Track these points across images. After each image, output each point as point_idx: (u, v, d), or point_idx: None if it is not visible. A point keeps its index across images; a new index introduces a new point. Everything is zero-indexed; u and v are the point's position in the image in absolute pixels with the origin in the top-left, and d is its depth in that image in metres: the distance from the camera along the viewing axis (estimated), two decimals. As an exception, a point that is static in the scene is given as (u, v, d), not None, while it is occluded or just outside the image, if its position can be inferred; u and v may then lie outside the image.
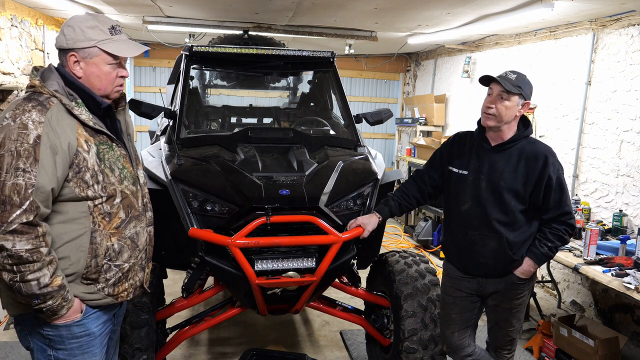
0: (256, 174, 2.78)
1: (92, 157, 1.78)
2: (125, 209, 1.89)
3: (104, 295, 1.88)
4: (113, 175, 1.84)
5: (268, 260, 2.61)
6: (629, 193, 4.29)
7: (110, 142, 1.86)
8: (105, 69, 1.84)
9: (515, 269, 2.51)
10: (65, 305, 1.75)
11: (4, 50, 4.77)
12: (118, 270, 1.88)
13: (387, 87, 9.21)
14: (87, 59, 1.81)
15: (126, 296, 1.96)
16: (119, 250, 1.87)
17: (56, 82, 1.79)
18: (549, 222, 2.48)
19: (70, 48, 1.80)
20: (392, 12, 5.07)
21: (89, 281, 1.84)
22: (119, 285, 1.91)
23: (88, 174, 1.77)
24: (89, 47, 1.80)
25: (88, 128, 1.79)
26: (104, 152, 1.82)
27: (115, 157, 1.86)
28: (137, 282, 2.00)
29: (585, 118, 4.80)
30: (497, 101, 2.43)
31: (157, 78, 8.48)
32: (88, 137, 1.78)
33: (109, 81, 1.86)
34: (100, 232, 1.82)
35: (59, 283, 1.72)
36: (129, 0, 4.99)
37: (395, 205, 2.80)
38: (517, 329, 2.67)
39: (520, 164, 2.46)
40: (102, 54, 1.82)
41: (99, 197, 1.81)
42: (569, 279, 4.95)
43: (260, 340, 3.99)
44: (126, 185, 1.90)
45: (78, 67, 1.82)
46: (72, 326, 1.82)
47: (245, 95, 7.86)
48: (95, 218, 1.81)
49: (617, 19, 4.39)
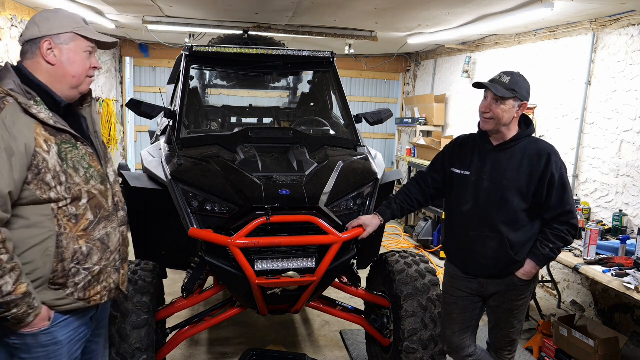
0: (256, 174, 2.78)
1: (53, 157, 1.70)
2: (93, 210, 1.82)
3: (74, 300, 1.80)
4: (77, 175, 1.76)
5: (268, 260, 2.61)
6: (629, 193, 4.29)
7: (74, 141, 1.78)
8: (81, 55, 1.81)
9: (516, 271, 2.50)
10: (32, 313, 1.68)
11: (4, 50, 4.77)
12: (88, 273, 1.81)
13: (387, 87, 9.21)
14: (62, 45, 1.77)
15: (100, 299, 1.88)
16: (87, 253, 1.80)
17: (12, 81, 1.72)
18: (551, 223, 2.46)
19: (45, 35, 1.75)
20: (392, 12, 5.07)
21: (57, 286, 1.76)
22: (90, 289, 1.83)
23: (49, 175, 1.69)
24: (65, 32, 1.77)
25: (48, 127, 1.71)
26: (66, 151, 1.74)
27: (79, 156, 1.78)
28: (111, 284, 1.91)
29: (585, 118, 4.80)
30: (493, 105, 2.42)
31: (157, 78, 8.47)
32: (48, 137, 1.70)
33: (84, 69, 1.82)
34: (67, 235, 1.74)
35: (24, 290, 1.64)
36: (129, 0, 4.99)
37: (397, 208, 2.80)
38: (518, 330, 2.67)
39: (523, 163, 2.45)
40: (78, 40, 1.80)
41: (63, 199, 1.73)
42: (569, 279, 4.95)
43: (260, 340, 3.99)
44: (93, 185, 1.82)
45: (52, 54, 1.76)
46: (39, 335, 1.75)
47: (245, 95, 7.86)
48: (60, 221, 1.73)
49: (617, 19, 4.39)
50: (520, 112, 2.46)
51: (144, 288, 2.76)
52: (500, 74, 2.46)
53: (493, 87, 2.41)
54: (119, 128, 8.07)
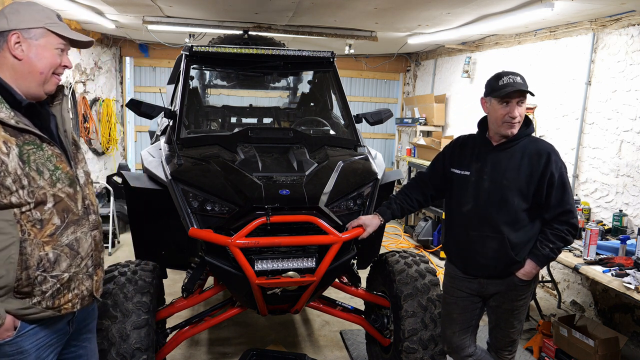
0: (256, 174, 2.78)
1: (13, 159, 1.59)
2: (60, 214, 1.71)
3: (42, 309, 1.70)
4: (42, 178, 1.65)
5: (268, 260, 2.61)
6: (629, 193, 4.29)
7: (38, 142, 1.67)
8: (52, 52, 1.72)
9: (516, 271, 2.50)
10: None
11: (4, 50, 4.76)
12: (56, 281, 1.71)
13: (387, 87, 9.21)
14: (31, 39, 1.68)
15: (71, 307, 1.78)
16: (54, 260, 1.69)
17: None
18: (551, 223, 2.45)
19: (13, 28, 1.65)
20: (392, 12, 5.07)
21: (22, 295, 1.67)
22: (59, 297, 1.73)
23: (9, 179, 1.58)
24: (36, 27, 1.68)
25: (8, 127, 1.61)
26: (29, 153, 1.63)
27: (45, 157, 1.68)
28: (83, 291, 1.81)
29: (585, 118, 4.80)
30: (517, 108, 2.40)
31: (157, 78, 8.48)
32: (8, 138, 1.60)
33: (52, 65, 1.73)
34: (31, 242, 1.64)
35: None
36: (129, 0, 4.99)
37: (397, 208, 2.80)
38: (518, 330, 2.67)
39: (523, 162, 2.44)
40: (49, 36, 1.71)
41: (26, 203, 1.62)
42: (569, 279, 4.95)
43: (260, 340, 3.99)
44: (60, 187, 1.71)
45: (19, 48, 1.66)
46: (2, 345, 1.66)
47: (245, 95, 7.86)
48: (24, 226, 1.63)
49: (617, 19, 4.39)
50: None
51: (144, 288, 2.76)
52: (508, 76, 2.41)
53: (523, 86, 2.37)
54: (119, 128, 8.07)
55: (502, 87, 2.39)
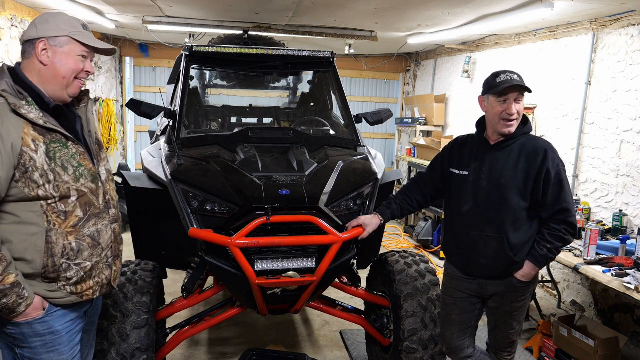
0: (256, 174, 2.78)
1: (41, 156, 1.75)
2: (82, 207, 1.87)
3: (67, 294, 1.86)
4: (66, 173, 1.81)
5: (268, 260, 2.61)
6: (629, 193, 4.29)
7: (64, 141, 1.83)
8: (75, 58, 1.86)
9: (516, 272, 2.49)
10: (23, 303, 1.74)
11: (4, 50, 4.78)
12: (79, 269, 1.86)
13: (387, 87, 9.21)
14: (57, 47, 1.83)
15: (92, 294, 1.94)
16: (77, 249, 1.85)
17: (5, 82, 1.78)
18: (548, 222, 2.44)
19: (41, 36, 1.81)
20: (392, 12, 5.07)
21: (48, 280, 1.83)
22: (82, 283, 1.89)
23: (37, 173, 1.74)
24: (61, 35, 1.83)
25: (37, 127, 1.77)
26: (55, 150, 1.79)
27: (69, 155, 1.83)
28: (103, 280, 1.98)
29: (585, 118, 4.80)
30: (515, 105, 2.40)
31: (157, 78, 8.48)
32: (36, 136, 1.75)
33: (74, 70, 1.86)
34: (56, 231, 1.80)
35: (12, 281, 1.70)
36: (129, 0, 4.99)
37: (397, 208, 2.80)
38: (517, 331, 2.66)
39: (520, 160, 2.44)
40: (72, 44, 1.85)
41: (52, 196, 1.78)
42: (569, 279, 4.95)
43: (260, 340, 3.99)
44: (83, 183, 1.87)
45: (46, 54, 1.82)
46: (33, 324, 1.81)
47: (245, 95, 7.86)
48: (49, 217, 1.79)
49: (617, 19, 4.39)
50: None
51: (144, 288, 2.76)
52: (506, 74, 2.42)
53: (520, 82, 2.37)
54: (119, 128, 8.07)
55: (500, 84, 2.40)
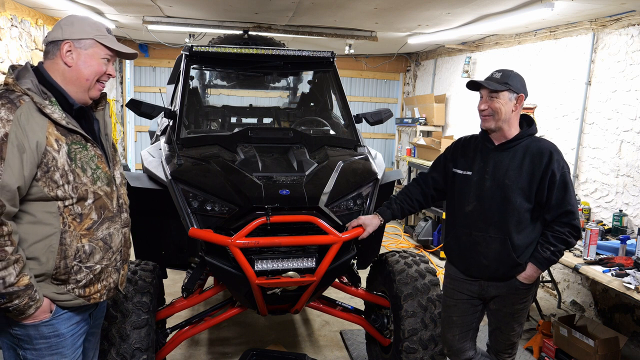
0: (256, 174, 2.78)
1: (63, 156, 1.76)
2: (97, 210, 1.87)
3: (75, 297, 1.86)
4: (85, 175, 1.82)
5: (268, 260, 2.61)
6: (629, 193, 4.29)
7: (84, 142, 1.84)
8: (98, 61, 1.88)
9: (518, 274, 2.48)
10: (33, 305, 1.74)
11: (4, 50, 4.78)
12: (89, 271, 1.86)
13: (387, 87, 9.21)
14: (81, 49, 1.84)
15: (99, 298, 1.94)
16: (90, 252, 1.85)
17: (30, 81, 1.79)
18: (552, 224, 2.43)
19: (66, 38, 1.83)
20: (392, 12, 5.07)
21: (58, 282, 1.82)
22: (90, 286, 1.89)
23: (57, 173, 1.75)
24: (86, 38, 1.85)
25: (60, 127, 1.78)
26: (75, 151, 1.80)
27: (88, 157, 1.84)
28: (110, 283, 1.97)
29: (585, 118, 4.80)
30: (488, 101, 2.44)
31: (157, 78, 8.48)
32: (59, 136, 1.76)
33: (97, 73, 1.88)
34: (71, 233, 1.80)
35: (26, 282, 1.70)
36: (129, 0, 4.99)
37: (397, 208, 2.79)
38: (518, 333, 2.65)
39: (525, 162, 2.43)
40: (97, 47, 1.87)
41: (69, 197, 1.78)
42: (569, 279, 4.95)
43: (260, 340, 3.99)
44: (99, 186, 1.88)
45: (70, 56, 1.83)
46: (40, 326, 1.81)
47: (245, 95, 7.86)
48: (65, 219, 1.79)
49: (617, 19, 4.39)
50: (518, 106, 2.45)
51: (144, 288, 2.76)
52: (493, 72, 2.49)
53: (485, 82, 2.43)
54: (119, 128, 8.07)
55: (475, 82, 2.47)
